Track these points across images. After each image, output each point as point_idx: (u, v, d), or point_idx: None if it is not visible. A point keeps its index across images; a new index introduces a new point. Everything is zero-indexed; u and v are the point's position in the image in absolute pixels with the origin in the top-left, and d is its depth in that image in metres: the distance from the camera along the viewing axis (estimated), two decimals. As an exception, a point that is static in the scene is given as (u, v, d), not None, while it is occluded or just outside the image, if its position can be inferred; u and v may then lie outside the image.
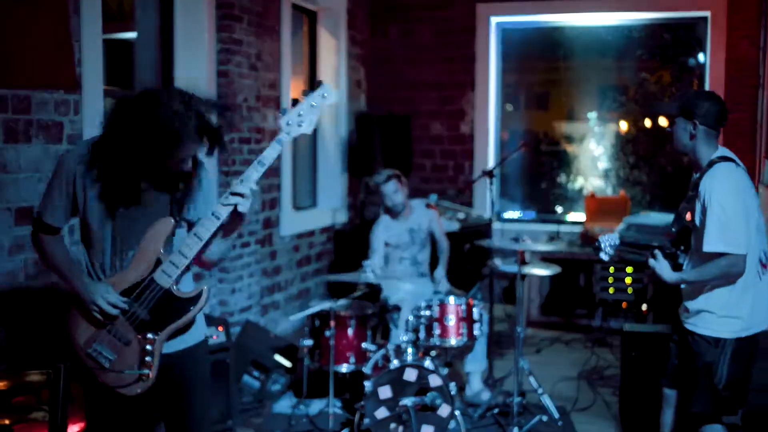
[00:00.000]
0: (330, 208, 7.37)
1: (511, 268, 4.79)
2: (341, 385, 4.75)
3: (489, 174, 5.47)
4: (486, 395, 4.83)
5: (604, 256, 3.63)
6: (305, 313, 4.48)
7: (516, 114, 8.40)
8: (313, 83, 7.30)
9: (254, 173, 2.62)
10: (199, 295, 2.72)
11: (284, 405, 4.89)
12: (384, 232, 5.12)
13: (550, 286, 7.31)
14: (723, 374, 3.29)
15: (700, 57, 7.52)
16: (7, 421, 2.92)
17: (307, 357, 4.60)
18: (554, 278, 7.15)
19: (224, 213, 2.62)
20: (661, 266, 3.38)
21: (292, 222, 6.56)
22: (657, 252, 3.40)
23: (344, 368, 4.51)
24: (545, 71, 8.41)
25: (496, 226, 6.74)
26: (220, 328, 4.34)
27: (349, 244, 7.40)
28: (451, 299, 4.48)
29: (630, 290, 6.92)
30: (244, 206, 2.62)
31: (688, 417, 3.49)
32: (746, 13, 6.97)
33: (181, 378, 2.81)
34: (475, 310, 4.49)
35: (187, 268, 2.73)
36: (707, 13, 7.13)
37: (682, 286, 3.43)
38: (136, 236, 2.68)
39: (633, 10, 7.47)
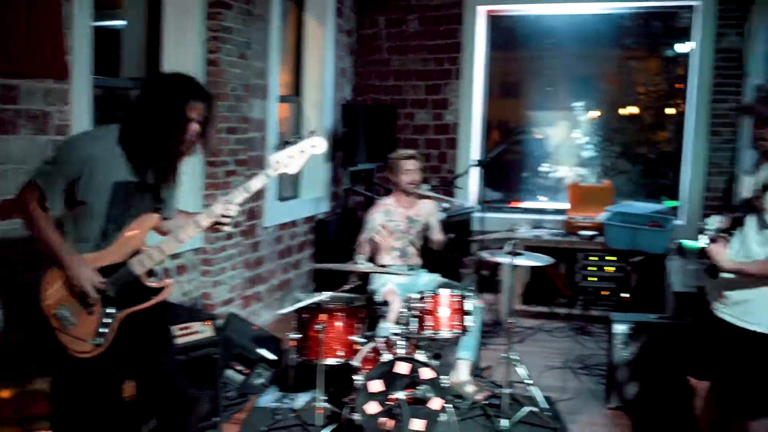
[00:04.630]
0: (313, 198, 7.33)
1: (503, 258, 4.71)
2: (326, 378, 4.70)
3: (480, 164, 5.47)
4: (471, 388, 4.81)
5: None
6: (296, 305, 4.41)
7: (498, 103, 8.38)
8: (299, 73, 7.25)
9: (239, 197, 2.97)
10: (162, 288, 3.04)
11: (268, 399, 4.82)
12: (383, 215, 5.06)
13: (530, 275, 7.32)
14: None
15: (684, 47, 7.52)
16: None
17: (295, 351, 4.52)
18: (534, 267, 7.16)
19: (206, 224, 2.98)
20: (719, 251, 3.22)
21: (276, 213, 6.52)
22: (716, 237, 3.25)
23: (332, 362, 4.45)
24: (530, 60, 8.39)
25: (477, 215, 6.72)
26: (207, 323, 4.26)
27: (330, 233, 7.37)
28: (445, 291, 4.44)
29: (612, 279, 6.99)
30: (226, 227, 3.04)
31: (734, 411, 3.38)
32: (733, 1, 7.00)
33: (143, 333, 3.04)
34: (467, 302, 4.46)
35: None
36: (697, 3, 7.14)
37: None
38: (126, 221, 2.95)
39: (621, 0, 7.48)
